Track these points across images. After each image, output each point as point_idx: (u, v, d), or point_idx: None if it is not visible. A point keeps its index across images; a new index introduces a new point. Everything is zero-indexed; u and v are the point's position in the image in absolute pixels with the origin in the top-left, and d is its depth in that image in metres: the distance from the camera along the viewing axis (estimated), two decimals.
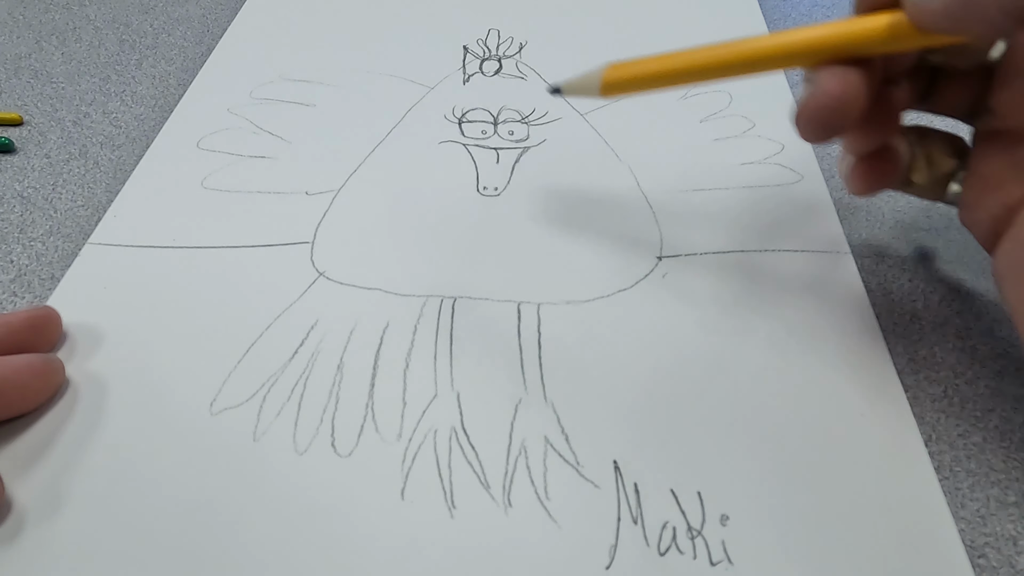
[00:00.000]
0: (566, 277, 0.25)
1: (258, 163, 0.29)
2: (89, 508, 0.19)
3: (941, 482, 0.20)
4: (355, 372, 0.22)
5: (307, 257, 0.25)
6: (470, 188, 0.28)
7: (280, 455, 0.20)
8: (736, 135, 0.30)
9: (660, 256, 0.25)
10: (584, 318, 0.23)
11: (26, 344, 0.21)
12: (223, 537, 0.19)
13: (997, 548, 0.19)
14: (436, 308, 0.24)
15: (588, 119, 0.31)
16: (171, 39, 0.36)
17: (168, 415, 0.21)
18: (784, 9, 0.37)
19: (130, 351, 0.23)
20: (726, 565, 0.18)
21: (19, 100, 0.32)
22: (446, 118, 0.31)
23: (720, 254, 0.25)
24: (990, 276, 0.24)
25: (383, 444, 0.20)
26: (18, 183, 0.29)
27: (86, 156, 0.30)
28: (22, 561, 0.18)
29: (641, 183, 0.28)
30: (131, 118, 0.32)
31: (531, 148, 0.29)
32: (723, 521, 0.19)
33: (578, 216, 0.27)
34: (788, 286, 0.24)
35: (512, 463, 0.20)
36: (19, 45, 0.36)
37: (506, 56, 0.34)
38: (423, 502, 0.19)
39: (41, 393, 0.21)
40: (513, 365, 0.22)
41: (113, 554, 0.18)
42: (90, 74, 0.34)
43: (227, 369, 0.22)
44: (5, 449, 0.20)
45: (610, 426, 0.21)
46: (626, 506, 0.19)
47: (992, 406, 0.21)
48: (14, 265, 0.26)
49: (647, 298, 0.24)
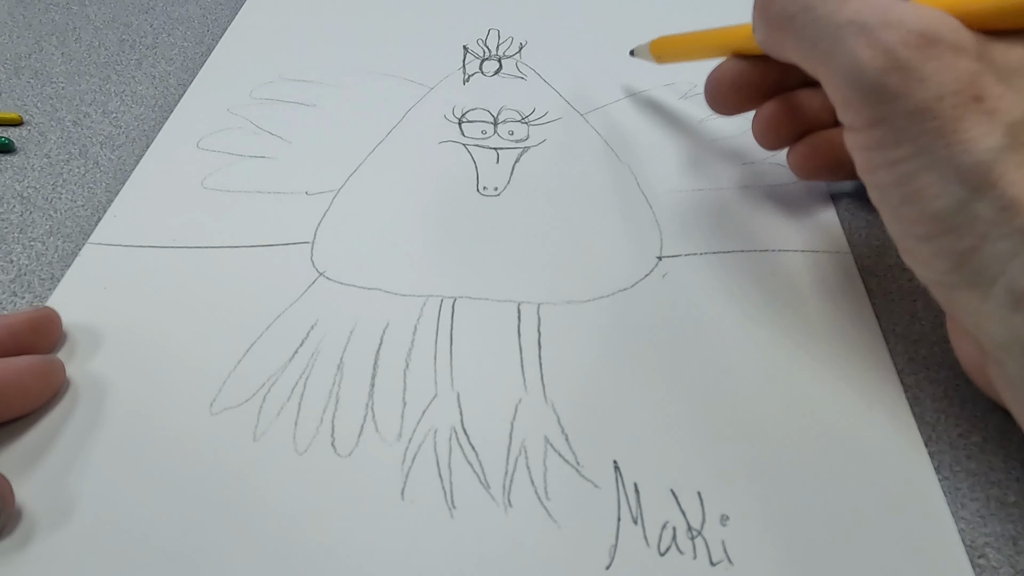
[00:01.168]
0: (566, 277, 0.25)
1: (258, 163, 0.29)
2: (90, 508, 0.19)
3: (941, 482, 0.20)
4: (355, 372, 0.22)
5: (307, 257, 0.25)
6: (470, 188, 0.28)
7: (280, 455, 0.20)
8: (736, 135, 0.30)
9: (660, 256, 0.25)
10: (584, 318, 0.23)
11: (27, 345, 0.21)
12: (223, 537, 0.19)
13: (997, 548, 0.19)
14: (436, 308, 0.24)
15: (588, 119, 0.31)
16: (171, 39, 0.36)
17: (168, 415, 0.21)
18: None
19: (130, 351, 0.23)
20: (726, 565, 0.18)
21: (19, 100, 0.32)
22: (446, 118, 0.31)
23: (720, 254, 0.25)
24: None
25: (383, 444, 0.20)
26: (18, 183, 0.29)
27: (86, 156, 0.30)
28: (22, 561, 0.18)
29: (641, 183, 0.28)
30: (131, 118, 0.32)
31: (531, 148, 0.29)
32: (723, 521, 0.19)
33: (578, 216, 0.27)
34: (788, 286, 0.24)
35: (512, 463, 0.20)
36: (19, 45, 0.36)
37: (506, 56, 0.34)
38: (423, 502, 0.19)
39: (42, 394, 0.21)
40: (513, 365, 0.22)
41: (114, 554, 0.18)
42: (90, 74, 0.34)
43: (227, 369, 0.22)
44: (7, 450, 0.20)
45: (610, 426, 0.21)
46: (626, 506, 0.19)
47: (992, 406, 0.21)
48: (14, 265, 0.26)
49: (647, 298, 0.24)
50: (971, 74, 0.16)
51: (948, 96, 0.16)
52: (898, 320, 0.23)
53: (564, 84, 0.32)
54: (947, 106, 0.16)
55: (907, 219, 0.17)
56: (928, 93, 0.16)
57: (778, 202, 0.27)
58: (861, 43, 0.17)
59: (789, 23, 0.19)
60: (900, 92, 0.16)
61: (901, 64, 0.16)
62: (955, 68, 0.16)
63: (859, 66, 0.17)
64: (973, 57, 0.16)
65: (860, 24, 0.17)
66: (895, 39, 0.16)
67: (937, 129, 0.16)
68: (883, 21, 0.16)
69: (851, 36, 0.17)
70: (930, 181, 0.16)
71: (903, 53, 0.16)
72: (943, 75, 0.16)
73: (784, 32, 0.19)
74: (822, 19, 0.18)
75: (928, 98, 0.16)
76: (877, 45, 0.16)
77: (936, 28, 0.16)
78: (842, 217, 0.26)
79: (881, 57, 0.16)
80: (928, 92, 0.16)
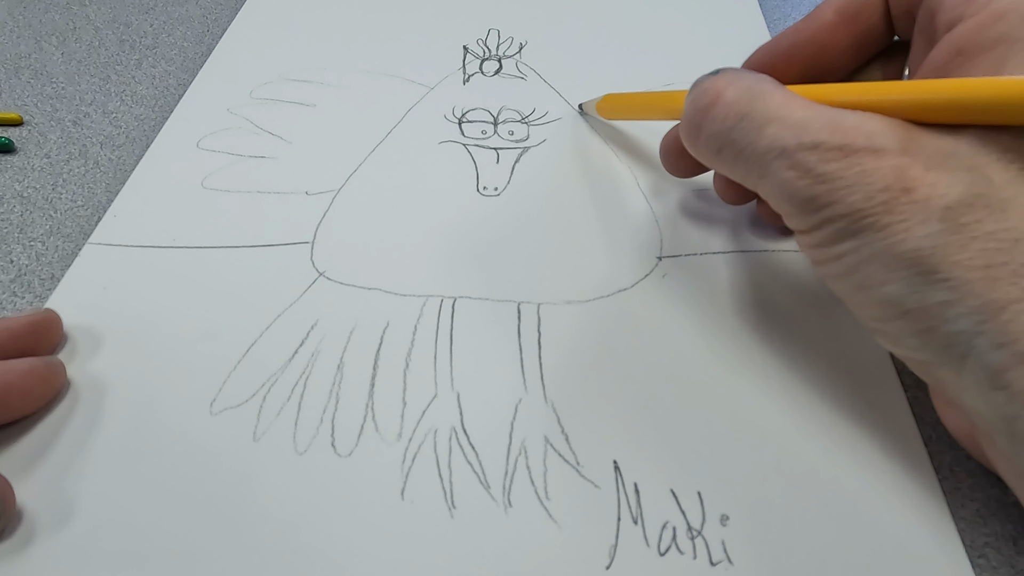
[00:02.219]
0: (566, 277, 0.25)
1: (258, 163, 0.29)
2: (91, 508, 0.19)
3: (941, 482, 0.20)
4: (355, 372, 0.22)
5: (307, 257, 0.25)
6: (470, 188, 0.28)
7: (280, 455, 0.20)
8: None
9: (660, 256, 0.25)
10: (584, 318, 0.23)
11: (27, 348, 0.21)
12: (223, 537, 0.19)
13: (997, 548, 0.19)
14: (436, 308, 0.24)
15: (588, 119, 0.31)
16: (171, 39, 0.36)
17: (168, 415, 0.21)
18: (784, 9, 0.37)
19: (130, 351, 0.23)
20: (726, 565, 0.18)
21: (19, 100, 0.32)
22: (446, 118, 0.31)
23: (720, 254, 0.25)
24: None
25: (383, 444, 0.20)
26: (18, 183, 0.29)
27: (86, 156, 0.30)
28: (23, 562, 0.18)
29: (641, 183, 0.28)
30: (131, 118, 0.32)
31: (531, 148, 0.29)
32: (723, 521, 0.19)
33: (578, 216, 0.27)
34: (788, 286, 0.24)
35: (512, 463, 0.20)
36: (19, 45, 0.36)
37: (506, 56, 0.34)
38: (423, 502, 0.19)
39: (43, 396, 0.21)
40: (513, 365, 0.22)
41: (114, 554, 0.18)
42: (90, 74, 0.34)
43: (227, 369, 0.22)
44: (8, 452, 0.20)
45: (610, 426, 0.21)
46: (626, 506, 0.19)
47: None
48: (14, 265, 0.26)
49: (647, 298, 0.24)
50: (897, 170, 0.16)
51: (876, 194, 0.16)
52: None
53: (564, 84, 0.32)
54: (877, 203, 0.16)
55: (863, 304, 0.18)
56: (856, 196, 0.16)
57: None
58: (784, 166, 0.17)
59: (717, 155, 0.19)
60: (830, 200, 0.17)
61: (825, 178, 0.17)
62: (878, 170, 0.16)
63: (787, 185, 0.17)
64: (897, 153, 0.16)
65: (780, 149, 0.17)
66: (814, 159, 0.17)
67: (872, 224, 0.16)
68: (799, 144, 0.17)
69: (774, 161, 0.17)
70: (875, 270, 0.17)
71: (824, 168, 0.17)
72: (867, 178, 0.16)
73: (714, 160, 0.20)
74: (745, 151, 0.18)
75: (857, 200, 0.16)
76: (799, 167, 0.17)
77: (852, 139, 0.17)
78: None
79: (805, 176, 0.17)
80: (856, 195, 0.16)
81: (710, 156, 0.20)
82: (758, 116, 0.18)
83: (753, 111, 0.18)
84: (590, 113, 0.30)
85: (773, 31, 0.35)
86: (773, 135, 0.17)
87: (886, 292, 0.17)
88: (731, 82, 0.19)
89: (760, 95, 0.18)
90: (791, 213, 0.18)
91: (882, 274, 0.17)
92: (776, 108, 0.18)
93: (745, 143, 0.18)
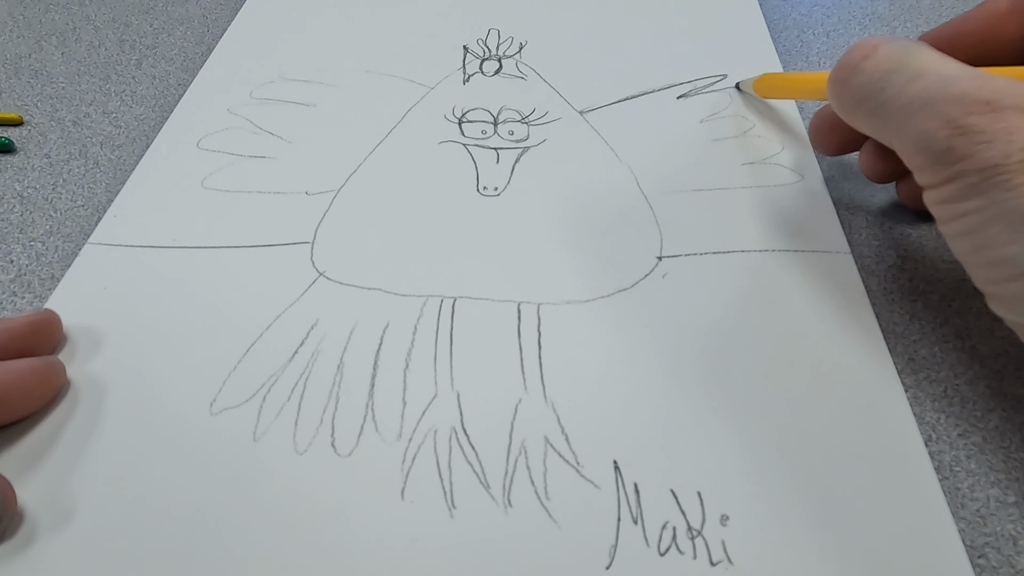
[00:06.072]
0: (566, 277, 0.25)
1: (258, 163, 0.29)
2: (91, 508, 0.19)
3: (941, 482, 0.20)
4: (355, 372, 0.22)
5: (307, 257, 0.25)
6: (470, 188, 0.28)
7: (280, 455, 0.20)
8: (736, 135, 0.30)
9: (660, 256, 0.25)
10: (584, 318, 0.23)
11: (28, 348, 0.21)
12: (223, 537, 0.19)
13: (997, 548, 0.19)
14: (436, 308, 0.24)
15: (588, 119, 0.31)
16: (171, 39, 0.36)
17: (168, 415, 0.21)
18: (784, 9, 0.37)
19: (130, 351, 0.23)
20: (726, 565, 0.18)
21: (19, 100, 0.32)
22: (446, 118, 0.31)
23: (720, 254, 0.25)
24: None
25: (383, 444, 0.20)
26: (18, 183, 0.29)
27: (86, 156, 0.30)
28: (24, 562, 0.18)
29: (641, 183, 0.28)
30: (131, 118, 0.32)
31: (531, 148, 0.29)
32: (723, 521, 0.19)
33: (578, 216, 0.27)
34: (788, 286, 0.24)
35: (512, 463, 0.20)
36: (19, 45, 0.36)
37: (506, 56, 0.34)
38: (423, 502, 0.19)
39: (44, 396, 0.21)
40: (513, 365, 0.22)
41: (114, 554, 0.18)
42: (90, 74, 0.34)
43: (227, 369, 0.22)
44: (9, 452, 0.20)
45: (610, 426, 0.21)
46: (626, 506, 0.19)
47: (992, 406, 0.21)
48: (14, 265, 0.26)
49: (647, 298, 0.24)
50: None
51: (1016, 152, 0.17)
52: (898, 320, 0.23)
53: (564, 84, 0.32)
54: (1014, 161, 0.17)
55: (981, 265, 0.18)
56: (995, 152, 0.17)
57: (778, 202, 0.27)
58: (926, 116, 0.18)
59: (857, 106, 0.20)
60: (968, 153, 0.17)
61: (966, 129, 0.17)
62: (1022, 129, 0.17)
63: (927, 135, 0.18)
64: None
65: (924, 100, 0.18)
66: (958, 111, 0.17)
67: (1005, 183, 0.17)
68: (945, 96, 0.18)
69: (916, 113, 0.18)
70: (1000, 230, 0.17)
71: (967, 120, 0.17)
72: (1009, 135, 0.17)
73: (854, 112, 0.20)
74: (888, 101, 0.19)
75: (995, 156, 0.17)
76: (941, 117, 0.18)
77: (1001, 96, 0.17)
78: (842, 217, 0.26)
79: (946, 127, 0.17)
80: (995, 151, 0.17)
81: (851, 107, 0.20)
82: (909, 70, 0.19)
83: (905, 66, 0.19)
84: (747, 91, 0.31)
85: (773, 31, 0.35)
86: (920, 87, 0.18)
87: (1007, 252, 0.17)
88: (888, 40, 0.20)
89: (915, 53, 0.19)
90: (924, 166, 0.18)
91: (1005, 234, 0.17)
92: (928, 65, 0.18)
93: (891, 93, 0.19)
